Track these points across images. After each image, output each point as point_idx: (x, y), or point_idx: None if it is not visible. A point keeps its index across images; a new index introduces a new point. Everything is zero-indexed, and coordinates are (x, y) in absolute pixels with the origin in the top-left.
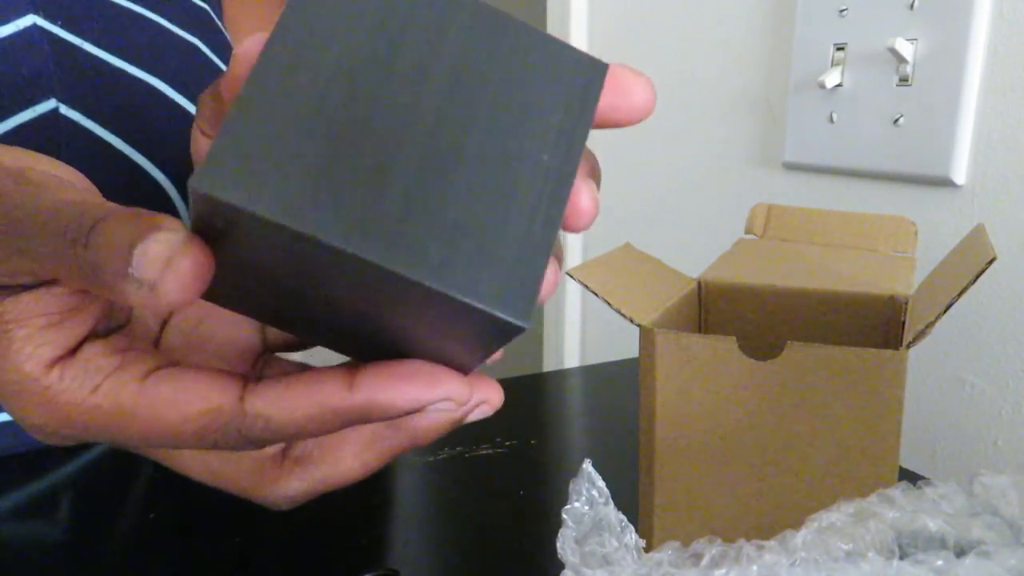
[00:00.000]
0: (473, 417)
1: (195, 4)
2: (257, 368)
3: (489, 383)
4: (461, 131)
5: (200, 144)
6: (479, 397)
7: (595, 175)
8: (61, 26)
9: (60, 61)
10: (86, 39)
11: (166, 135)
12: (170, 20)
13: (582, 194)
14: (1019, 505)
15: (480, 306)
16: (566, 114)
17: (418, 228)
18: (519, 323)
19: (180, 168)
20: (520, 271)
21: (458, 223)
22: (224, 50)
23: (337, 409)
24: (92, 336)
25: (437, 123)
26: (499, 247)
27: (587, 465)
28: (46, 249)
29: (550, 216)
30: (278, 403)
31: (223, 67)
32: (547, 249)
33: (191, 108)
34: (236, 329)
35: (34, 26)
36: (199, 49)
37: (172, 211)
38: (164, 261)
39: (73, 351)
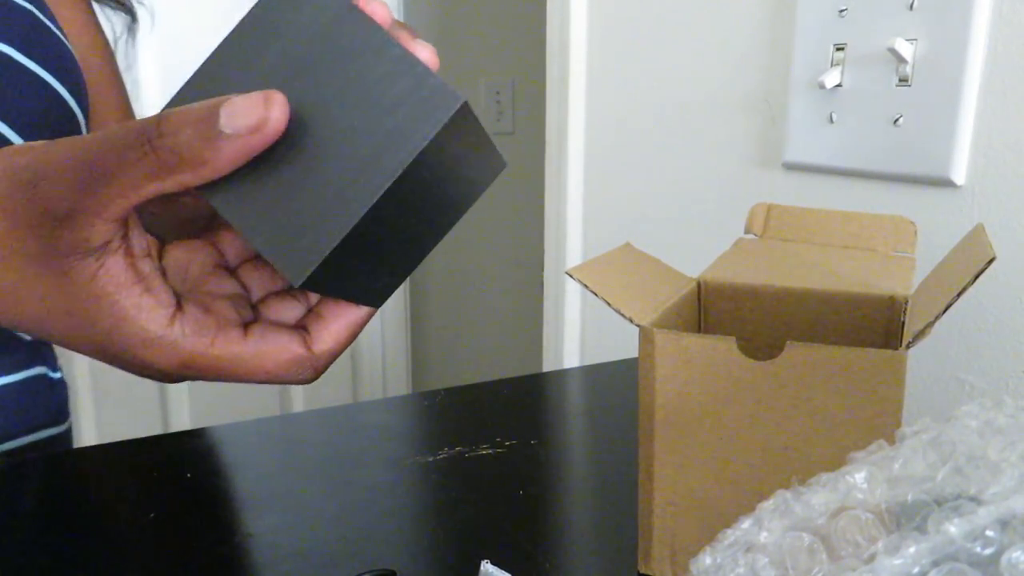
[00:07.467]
0: None
1: None
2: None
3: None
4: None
5: None
6: None
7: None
8: None
9: None
10: None
11: (15, 97)
12: None
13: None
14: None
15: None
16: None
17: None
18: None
19: (31, 132)
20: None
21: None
22: (52, 18)
23: (361, 321)
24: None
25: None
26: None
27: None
28: (111, 166)
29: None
30: (330, 339)
31: (57, 32)
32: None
33: (38, 69)
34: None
35: None
36: (34, 15)
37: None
38: (262, 101)
39: (179, 307)
